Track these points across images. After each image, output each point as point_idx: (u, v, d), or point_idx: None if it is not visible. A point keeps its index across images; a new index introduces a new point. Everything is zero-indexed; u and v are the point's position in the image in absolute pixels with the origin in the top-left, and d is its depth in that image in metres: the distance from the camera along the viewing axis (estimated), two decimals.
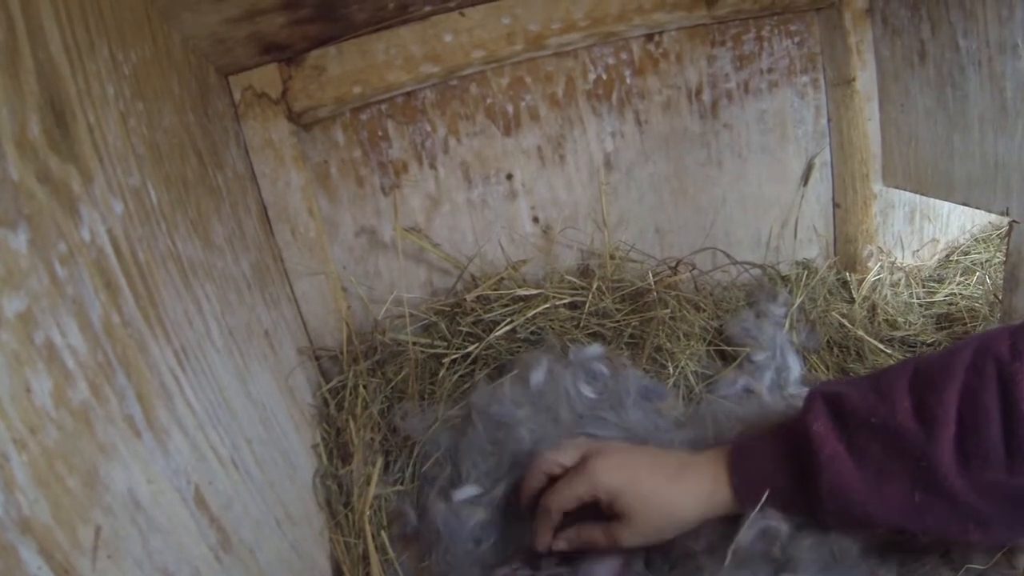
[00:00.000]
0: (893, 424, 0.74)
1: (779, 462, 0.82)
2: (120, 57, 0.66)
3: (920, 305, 1.40)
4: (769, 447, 0.84)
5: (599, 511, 0.87)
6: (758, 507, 0.81)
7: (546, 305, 1.25)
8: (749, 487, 0.82)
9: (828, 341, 1.28)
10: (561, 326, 1.25)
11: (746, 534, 0.80)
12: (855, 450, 0.76)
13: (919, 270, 1.49)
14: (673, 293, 1.29)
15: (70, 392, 0.44)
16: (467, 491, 1.01)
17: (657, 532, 0.85)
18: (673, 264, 1.35)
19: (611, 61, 1.35)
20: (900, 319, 1.34)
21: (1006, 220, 1.10)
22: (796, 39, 1.40)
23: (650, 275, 1.30)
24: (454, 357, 1.21)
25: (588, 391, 1.07)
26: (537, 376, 1.08)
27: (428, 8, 1.16)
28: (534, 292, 1.28)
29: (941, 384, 0.73)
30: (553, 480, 0.91)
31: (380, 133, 1.29)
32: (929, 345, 1.27)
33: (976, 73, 1.10)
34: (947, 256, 1.54)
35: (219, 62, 1.07)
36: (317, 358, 1.24)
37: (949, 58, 1.15)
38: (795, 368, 1.17)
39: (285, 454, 0.89)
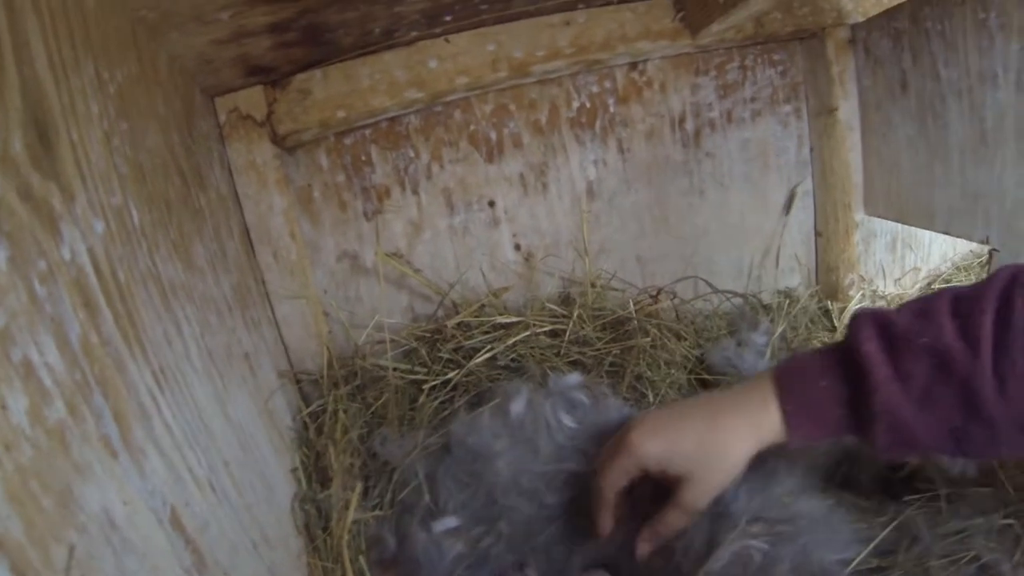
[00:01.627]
0: (941, 345, 0.74)
1: (831, 383, 0.81)
2: (105, 75, 0.65)
3: None
4: (819, 368, 0.83)
5: (655, 484, 0.86)
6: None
7: (527, 333, 1.25)
8: (800, 410, 0.82)
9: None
10: (542, 354, 1.24)
11: (721, 555, 0.80)
12: (902, 373, 0.76)
13: (901, 298, 1.50)
14: (654, 321, 1.30)
15: (46, 410, 0.43)
16: (447, 522, 1.00)
17: (722, 480, 0.83)
18: (654, 292, 1.35)
19: (595, 89, 1.36)
20: None
21: (986, 248, 1.11)
22: (779, 68, 1.42)
23: (631, 303, 1.30)
24: (434, 383, 1.21)
25: (568, 421, 1.06)
26: (517, 406, 1.07)
27: (414, 34, 1.17)
28: (515, 320, 1.28)
29: (979, 308, 0.74)
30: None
31: (364, 158, 1.29)
32: None
33: (957, 103, 1.12)
34: (928, 284, 1.55)
35: (205, 83, 1.07)
36: (297, 382, 1.24)
37: (930, 88, 1.17)
38: None
39: (263, 477, 0.88)
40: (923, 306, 0.79)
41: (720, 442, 0.82)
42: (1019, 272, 0.75)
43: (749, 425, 0.83)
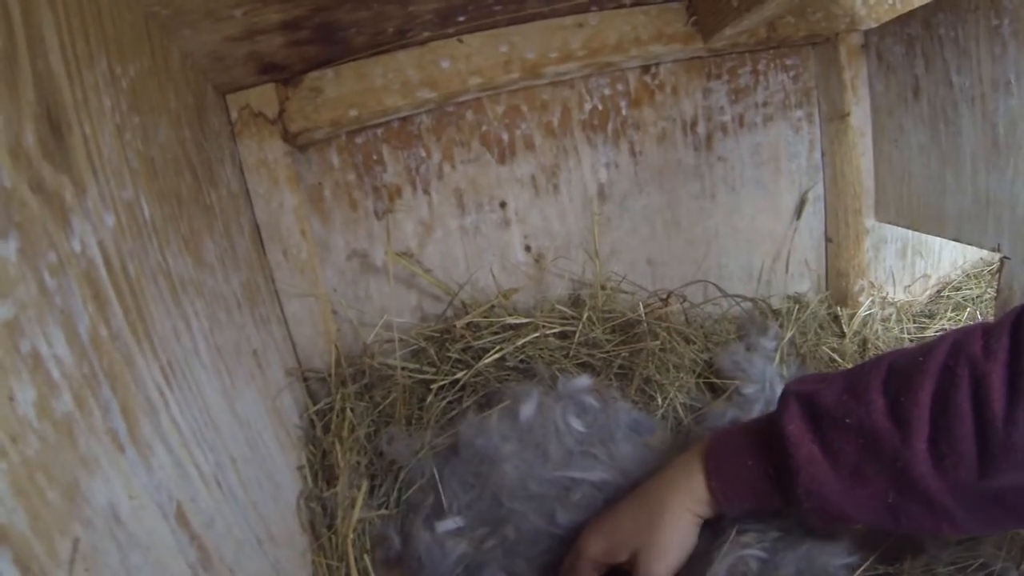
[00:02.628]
0: (868, 424, 0.74)
1: (755, 463, 0.83)
2: (118, 70, 0.66)
3: (911, 340, 1.40)
4: (745, 447, 0.85)
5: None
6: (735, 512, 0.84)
7: (536, 334, 1.25)
8: (727, 487, 0.84)
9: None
10: (551, 355, 1.24)
11: (717, 571, 0.80)
12: (829, 451, 0.76)
13: (910, 305, 1.50)
14: (663, 325, 1.29)
15: (54, 403, 0.43)
16: (451, 523, 1.00)
17: (669, 549, 0.85)
18: (664, 296, 1.35)
19: (607, 92, 1.35)
20: None
21: (997, 256, 1.11)
22: (791, 73, 1.41)
23: (641, 306, 1.30)
24: (442, 383, 1.21)
25: (578, 424, 1.06)
26: (527, 410, 1.07)
27: (426, 34, 1.17)
28: (524, 321, 1.27)
29: (915, 384, 0.73)
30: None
31: (375, 157, 1.29)
32: None
33: (969, 110, 1.11)
34: (938, 292, 1.55)
35: (217, 80, 1.08)
36: (305, 379, 1.24)
37: (942, 94, 1.16)
38: None
39: (270, 474, 0.88)
40: (855, 379, 0.79)
41: (655, 517, 0.86)
42: (965, 339, 0.73)
43: (679, 501, 0.85)
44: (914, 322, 1.45)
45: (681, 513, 0.85)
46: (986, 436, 0.68)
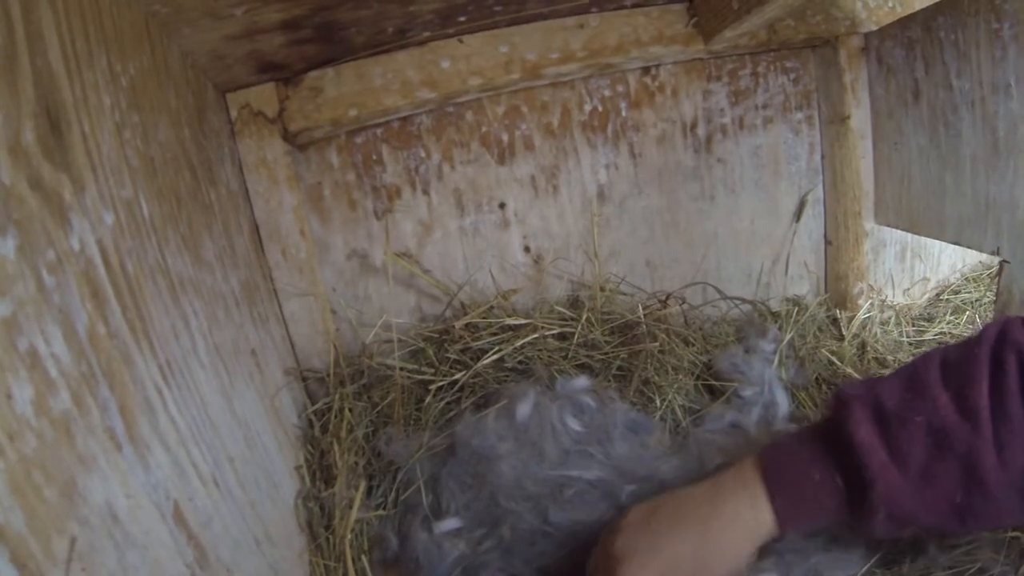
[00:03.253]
0: (938, 420, 0.72)
1: (824, 476, 0.77)
2: (118, 68, 0.66)
3: (910, 343, 1.40)
4: (809, 459, 0.79)
5: None
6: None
7: (535, 335, 1.25)
8: (794, 507, 0.78)
9: (817, 378, 1.27)
10: (549, 357, 1.24)
11: None
12: (898, 455, 0.73)
13: (909, 308, 1.50)
14: (662, 327, 1.29)
15: (51, 401, 0.43)
16: (449, 523, 1.00)
17: None
18: (663, 297, 1.35)
19: (607, 93, 1.35)
20: (890, 357, 1.34)
21: (997, 260, 1.11)
22: (792, 76, 1.41)
23: (640, 308, 1.30)
24: (441, 384, 1.21)
25: (575, 424, 1.06)
26: (523, 409, 1.07)
27: (426, 34, 1.16)
28: (523, 322, 1.27)
29: (975, 376, 0.72)
30: None
31: (374, 157, 1.29)
32: None
33: (969, 113, 1.11)
34: (937, 295, 1.55)
35: (217, 79, 1.07)
36: (303, 379, 1.23)
37: (943, 97, 1.16)
38: (783, 404, 1.16)
39: (268, 474, 0.88)
40: (912, 376, 0.77)
41: (716, 557, 0.77)
42: (1007, 327, 0.73)
43: (743, 532, 0.78)
44: (913, 325, 1.45)
45: (744, 547, 0.78)
46: None
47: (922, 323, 1.46)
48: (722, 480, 0.82)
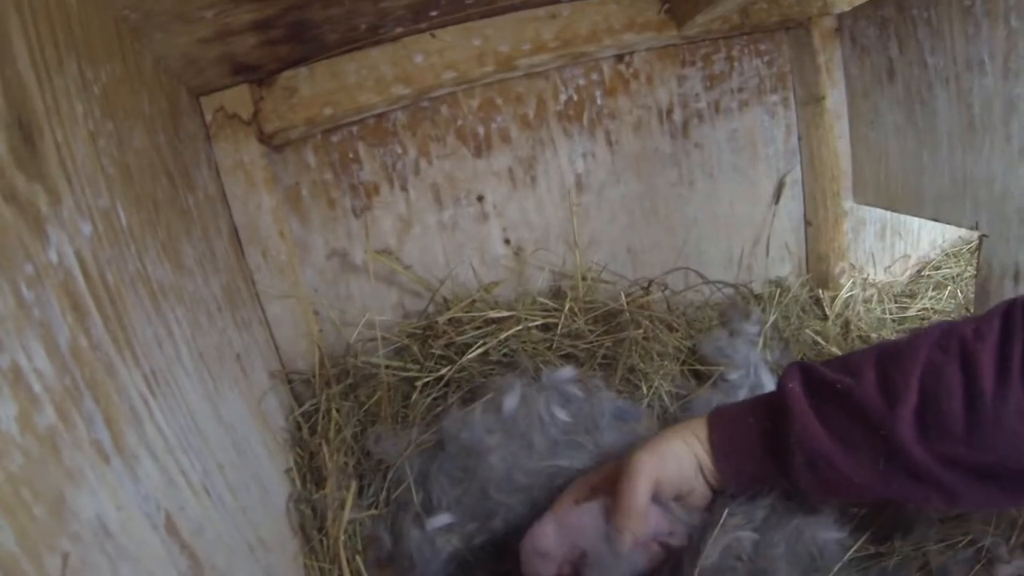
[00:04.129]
0: (857, 393, 0.76)
1: (756, 420, 0.85)
2: (90, 75, 0.65)
3: (893, 320, 1.41)
4: (748, 408, 0.88)
5: None
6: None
7: (518, 327, 1.25)
8: (725, 442, 0.86)
9: (802, 358, 1.28)
10: (534, 348, 1.24)
11: (710, 553, 0.80)
12: (823, 415, 0.79)
13: (891, 286, 1.51)
14: (646, 313, 1.29)
15: (36, 417, 0.43)
16: (441, 519, 0.99)
17: (663, 467, 0.85)
18: (645, 284, 1.35)
19: (582, 82, 1.35)
20: (873, 335, 1.35)
21: (976, 234, 1.12)
22: (766, 58, 1.42)
23: (622, 296, 1.30)
24: (427, 380, 1.20)
25: (562, 414, 1.06)
26: (510, 401, 1.07)
27: (399, 29, 1.16)
28: (506, 314, 1.27)
29: (906, 359, 0.76)
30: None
31: (351, 155, 1.29)
32: None
33: (944, 90, 1.12)
34: (919, 271, 1.56)
35: (191, 82, 1.06)
36: (289, 382, 1.23)
37: (917, 75, 1.17)
38: (769, 386, 1.16)
39: (258, 479, 0.88)
40: (850, 358, 0.83)
41: (660, 439, 0.88)
42: (954, 325, 0.77)
43: (682, 443, 0.87)
44: (895, 302, 1.46)
45: (678, 441, 0.87)
46: (974, 411, 0.70)
47: (904, 300, 1.48)
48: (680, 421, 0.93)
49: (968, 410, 0.70)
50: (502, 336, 1.23)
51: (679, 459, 0.85)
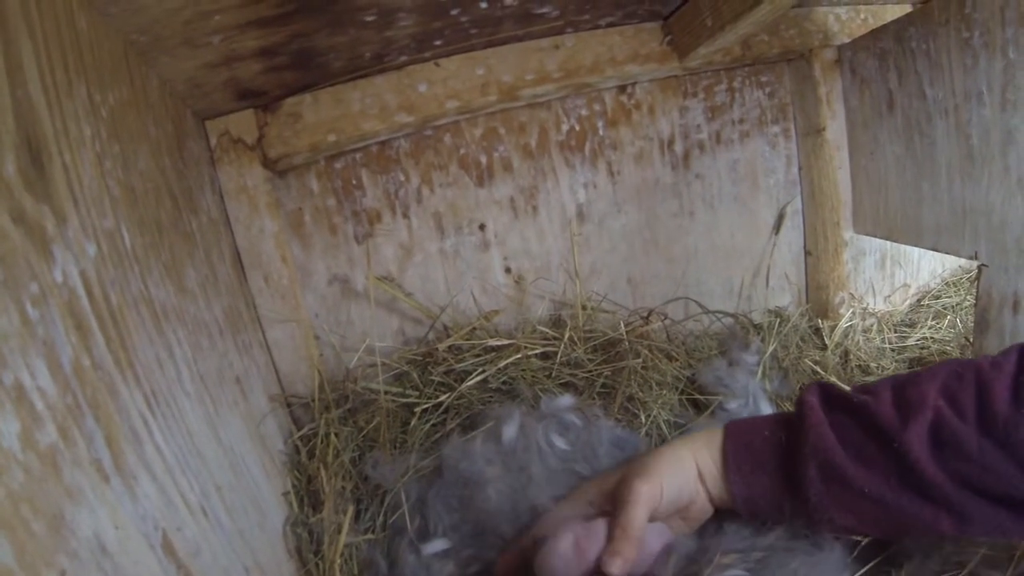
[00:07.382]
0: (873, 408, 0.78)
1: (772, 432, 0.86)
2: (98, 98, 0.65)
3: (892, 350, 1.41)
4: (765, 422, 0.89)
5: None
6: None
7: (518, 355, 1.25)
8: (740, 450, 0.86)
9: (801, 388, 1.28)
10: (533, 376, 1.24)
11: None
12: (838, 428, 0.80)
13: (891, 315, 1.51)
14: (645, 343, 1.29)
15: (38, 434, 0.43)
16: (437, 545, 0.99)
17: (661, 485, 0.84)
18: (645, 314, 1.35)
19: (584, 112, 1.36)
20: (873, 364, 1.35)
21: (975, 264, 1.12)
22: (767, 90, 1.43)
23: (622, 325, 1.30)
24: (425, 406, 1.20)
25: (561, 443, 1.06)
26: (509, 431, 1.06)
27: (404, 58, 1.17)
28: (506, 342, 1.27)
29: (923, 383, 0.78)
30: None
31: (354, 182, 1.29)
32: None
33: (943, 121, 1.13)
34: (918, 301, 1.57)
35: (196, 106, 1.07)
36: (288, 405, 1.23)
37: (916, 107, 1.18)
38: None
39: (255, 501, 0.88)
40: (870, 383, 0.85)
41: (655, 452, 0.89)
42: (972, 359, 0.79)
43: (689, 452, 0.88)
44: (895, 332, 1.46)
45: (684, 453, 0.87)
46: (987, 433, 0.71)
47: (904, 329, 1.48)
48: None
49: (981, 431, 0.72)
50: (502, 364, 1.23)
51: (682, 472, 0.86)
